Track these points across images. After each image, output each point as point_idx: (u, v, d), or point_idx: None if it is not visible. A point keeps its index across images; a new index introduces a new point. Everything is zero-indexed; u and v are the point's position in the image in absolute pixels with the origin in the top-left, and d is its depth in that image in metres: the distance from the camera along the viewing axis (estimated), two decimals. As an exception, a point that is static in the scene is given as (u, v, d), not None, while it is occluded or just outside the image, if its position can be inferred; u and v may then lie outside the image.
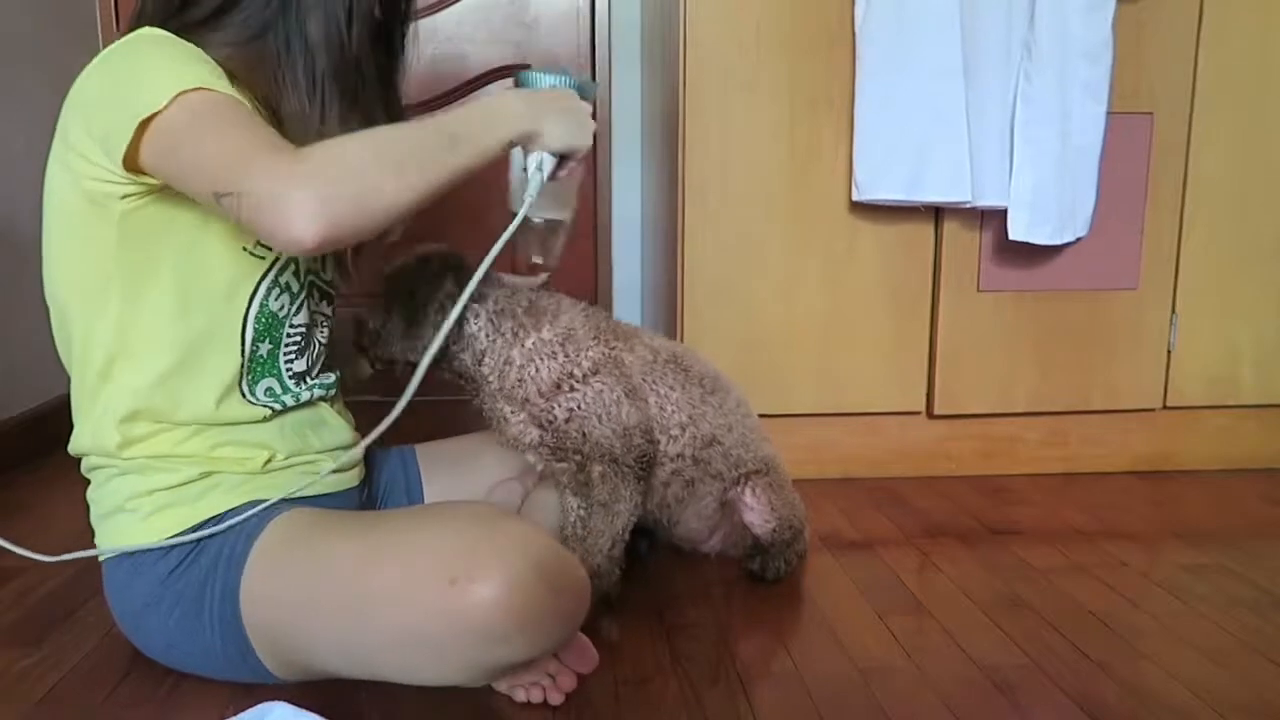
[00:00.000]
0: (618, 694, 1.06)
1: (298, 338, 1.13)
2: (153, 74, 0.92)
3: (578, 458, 1.22)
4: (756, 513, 1.34)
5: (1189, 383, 1.83)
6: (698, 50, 1.66)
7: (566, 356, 1.21)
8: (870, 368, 1.77)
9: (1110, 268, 1.77)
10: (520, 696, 1.04)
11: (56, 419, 1.96)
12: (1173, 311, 1.81)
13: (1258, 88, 1.75)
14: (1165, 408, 1.84)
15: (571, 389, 1.20)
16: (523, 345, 1.21)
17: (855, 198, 1.67)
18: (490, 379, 1.22)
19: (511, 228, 1.07)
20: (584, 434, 1.21)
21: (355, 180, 0.87)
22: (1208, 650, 1.17)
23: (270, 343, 1.09)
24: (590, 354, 1.22)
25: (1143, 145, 1.74)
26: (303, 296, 1.13)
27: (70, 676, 1.10)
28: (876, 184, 1.65)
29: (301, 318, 1.13)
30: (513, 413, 1.23)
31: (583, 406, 1.20)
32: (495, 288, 1.23)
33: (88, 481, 1.10)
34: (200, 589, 1.02)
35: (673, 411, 1.27)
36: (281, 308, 1.10)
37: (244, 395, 1.07)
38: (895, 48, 1.61)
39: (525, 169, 1.07)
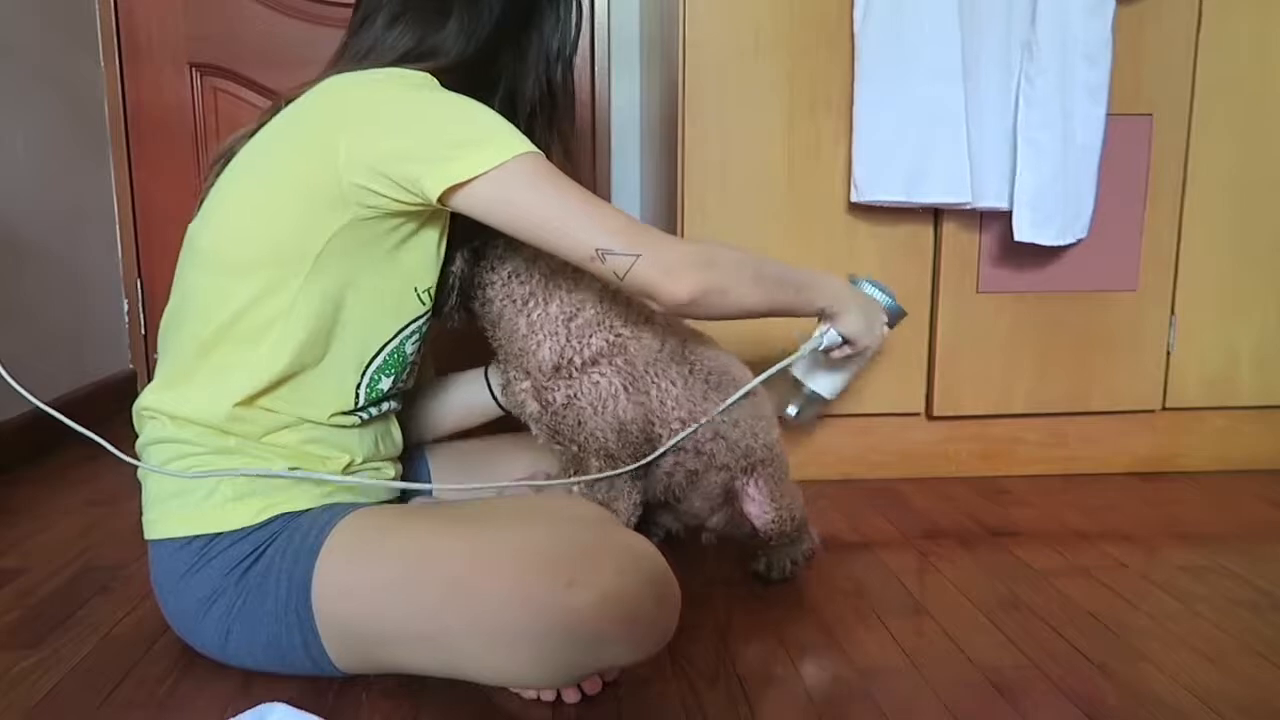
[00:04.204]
0: (618, 694, 1.06)
1: (406, 370, 1.19)
2: (483, 125, 1.03)
3: (574, 447, 1.23)
4: (757, 504, 1.34)
5: (1188, 384, 1.83)
6: (697, 51, 1.66)
7: (569, 337, 1.21)
8: (869, 369, 1.77)
9: (1109, 269, 1.78)
10: (530, 694, 1.04)
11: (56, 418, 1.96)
12: (1172, 313, 1.81)
13: (1258, 88, 1.75)
14: (1164, 409, 1.84)
15: (570, 375, 1.20)
16: (529, 316, 1.21)
17: (854, 198, 1.67)
18: (504, 343, 1.24)
19: (773, 370, 1.30)
20: (579, 423, 1.21)
21: (727, 274, 1.09)
22: (1207, 651, 1.17)
23: (391, 380, 1.15)
24: (594, 341, 1.21)
25: (1143, 146, 1.74)
26: (421, 339, 1.19)
27: (70, 677, 1.09)
28: (876, 185, 1.65)
29: (416, 356, 1.19)
30: (516, 379, 1.25)
31: (579, 396, 1.20)
32: (516, 255, 1.23)
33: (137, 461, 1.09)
34: (263, 579, 1.02)
35: (672, 407, 1.26)
36: (413, 351, 1.16)
37: (352, 410, 1.12)
38: (894, 48, 1.61)
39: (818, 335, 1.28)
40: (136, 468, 1.09)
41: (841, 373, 1.37)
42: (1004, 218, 1.70)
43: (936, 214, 1.74)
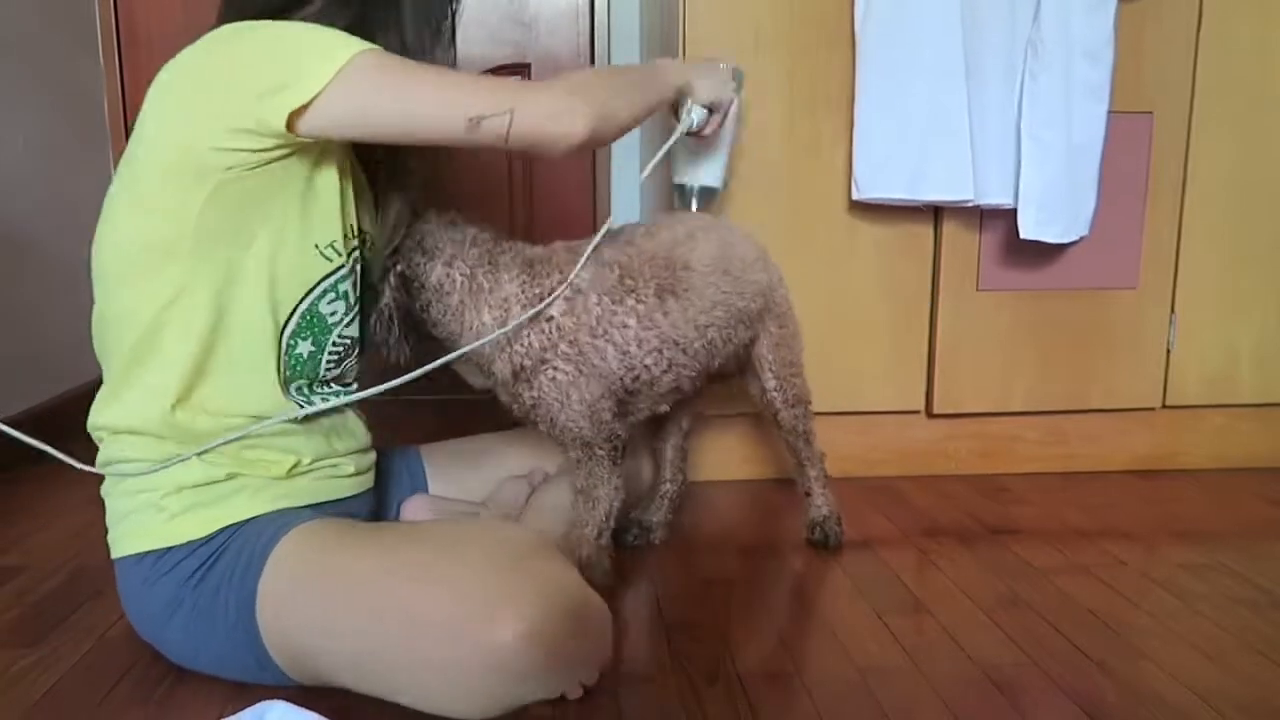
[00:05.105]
0: (618, 694, 1.06)
1: (341, 349, 1.14)
2: (310, 41, 0.97)
3: (552, 434, 1.24)
4: (762, 367, 1.42)
5: (1188, 382, 1.83)
6: (697, 49, 1.66)
7: (510, 345, 1.18)
8: (869, 367, 1.77)
9: (1110, 267, 1.77)
10: None
11: (57, 418, 1.96)
12: (1172, 311, 1.81)
13: (1258, 88, 1.75)
14: (1164, 407, 1.84)
15: (528, 380, 1.20)
16: (470, 328, 1.19)
17: (855, 196, 1.67)
18: (471, 356, 1.21)
19: (666, 145, 1.30)
20: (552, 420, 1.21)
21: (605, 99, 1.08)
22: (1207, 650, 1.17)
23: (313, 345, 1.10)
24: (534, 341, 1.18)
25: (1143, 145, 1.74)
26: (357, 309, 1.14)
27: (69, 676, 1.09)
28: (876, 183, 1.65)
29: (353, 330, 1.14)
30: (492, 381, 1.24)
31: (542, 395, 1.20)
32: (433, 260, 1.18)
33: (100, 479, 1.09)
34: (213, 594, 1.01)
35: (636, 349, 1.22)
36: (334, 313, 1.10)
37: (279, 388, 1.07)
38: (895, 47, 1.61)
39: (681, 120, 1.30)
40: (99, 484, 1.10)
41: (718, 154, 1.41)
42: (1005, 216, 1.70)
43: (936, 212, 1.74)
